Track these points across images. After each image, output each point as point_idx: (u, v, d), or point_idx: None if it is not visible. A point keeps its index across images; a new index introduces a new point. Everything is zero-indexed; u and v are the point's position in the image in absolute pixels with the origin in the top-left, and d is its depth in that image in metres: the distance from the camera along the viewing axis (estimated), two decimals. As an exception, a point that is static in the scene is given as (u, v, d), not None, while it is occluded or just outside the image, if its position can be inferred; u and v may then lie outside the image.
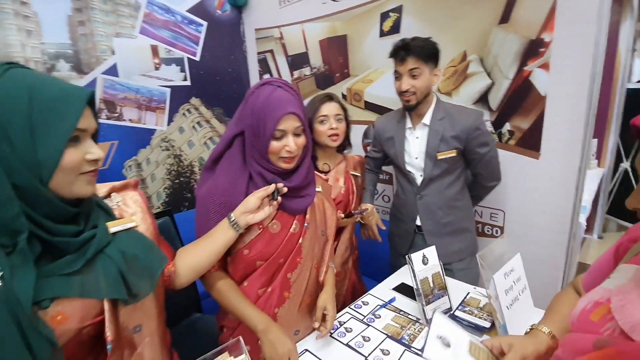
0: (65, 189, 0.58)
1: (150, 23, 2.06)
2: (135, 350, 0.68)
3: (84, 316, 0.60)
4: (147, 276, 0.68)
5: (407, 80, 1.24)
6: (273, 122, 0.83)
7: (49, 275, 0.56)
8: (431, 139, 1.30)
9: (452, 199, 1.36)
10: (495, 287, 0.90)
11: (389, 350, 0.92)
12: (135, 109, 2.06)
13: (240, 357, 0.64)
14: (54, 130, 0.54)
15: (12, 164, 0.52)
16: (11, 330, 0.49)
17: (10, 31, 1.62)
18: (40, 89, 0.54)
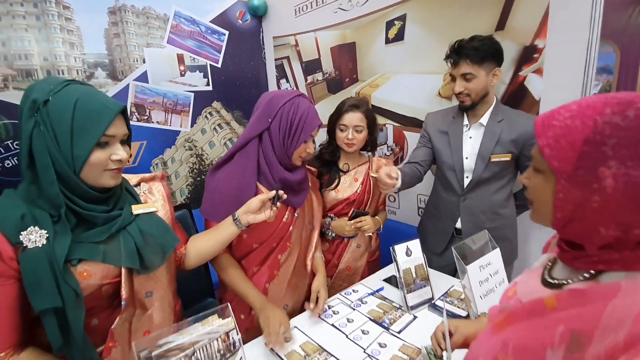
0: (92, 179, 0.73)
1: (177, 33, 2.26)
2: (147, 312, 0.83)
3: (104, 276, 0.75)
4: (160, 252, 0.83)
5: (461, 83, 1.23)
6: (311, 129, 1.07)
7: (81, 242, 0.72)
8: (486, 140, 1.27)
9: (498, 206, 1.32)
10: (468, 277, 0.97)
11: (368, 330, 1.01)
12: (162, 112, 2.27)
13: (227, 319, 0.76)
14: (87, 135, 0.70)
15: (57, 156, 0.68)
16: (48, 276, 0.66)
17: (57, 43, 1.86)
18: (84, 102, 0.70)
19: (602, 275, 0.44)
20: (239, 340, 0.75)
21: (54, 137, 0.68)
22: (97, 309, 0.78)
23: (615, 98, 0.42)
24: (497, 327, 0.52)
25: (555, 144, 0.44)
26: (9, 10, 1.72)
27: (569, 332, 0.41)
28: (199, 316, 0.74)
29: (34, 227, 0.68)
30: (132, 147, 2.15)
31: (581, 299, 0.42)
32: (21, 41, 1.76)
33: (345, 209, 1.37)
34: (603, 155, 0.40)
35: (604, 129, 0.40)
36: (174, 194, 2.38)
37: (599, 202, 0.41)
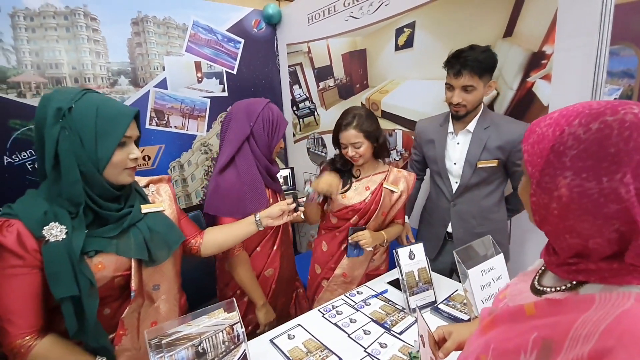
0: (113, 177, 0.82)
1: (195, 42, 2.36)
2: (154, 304, 0.91)
3: (117, 268, 0.83)
4: (166, 248, 0.91)
5: (459, 94, 1.23)
6: (284, 127, 1.27)
7: (96, 236, 0.80)
8: (473, 146, 1.30)
9: (488, 210, 1.35)
10: (469, 281, 0.98)
11: (370, 331, 1.04)
12: (180, 117, 2.36)
13: (232, 313, 0.81)
14: (109, 137, 0.79)
15: (82, 157, 0.77)
16: (67, 267, 0.74)
17: (84, 53, 1.98)
18: (103, 108, 0.79)
19: (582, 287, 0.45)
20: (243, 333, 0.80)
21: (79, 140, 0.76)
22: (110, 299, 0.85)
23: (591, 109, 0.42)
24: (484, 328, 0.54)
25: (531, 149, 0.46)
26: (42, 23, 1.85)
27: (541, 339, 0.42)
28: (206, 309, 0.80)
29: (55, 223, 0.76)
30: (151, 151, 2.26)
31: (557, 309, 0.43)
32: (52, 51, 1.89)
33: (349, 214, 1.36)
34: (562, 165, 0.41)
35: (567, 139, 0.41)
36: (190, 195, 2.47)
37: (558, 209, 0.42)
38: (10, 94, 1.80)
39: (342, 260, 1.38)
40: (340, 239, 1.39)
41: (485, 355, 0.50)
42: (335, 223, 1.40)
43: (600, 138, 0.39)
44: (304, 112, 2.66)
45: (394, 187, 1.35)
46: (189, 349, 0.74)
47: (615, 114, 0.39)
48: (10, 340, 0.75)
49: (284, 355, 0.95)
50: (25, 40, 1.82)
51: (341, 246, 1.38)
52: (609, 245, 0.40)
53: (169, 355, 0.72)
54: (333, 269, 1.40)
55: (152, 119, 2.25)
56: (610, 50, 1.25)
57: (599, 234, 0.40)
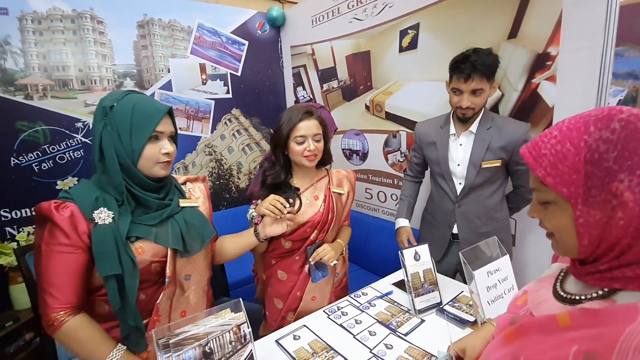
0: (147, 170, 0.88)
1: (200, 44, 2.38)
2: (184, 293, 0.97)
3: (154, 254, 0.89)
4: (199, 240, 0.97)
5: (469, 98, 1.23)
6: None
7: (138, 223, 0.88)
8: (476, 147, 1.30)
9: (492, 210, 1.36)
10: (476, 283, 0.98)
11: (375, 332, 1.04)
12: (185, 119, 2.38)
13: (239, 313, 0.81)
14: (142, 131, 0.85)
15: (120, 150, 0.84)
16: (112, 248, 0.82)
17: (91, 56, 2.00)
18: (140, 105, 0.85)
19: (617, 294, 0.43)
20: (250, 333, 0.80)
21: (117, 135, 0.84)
22: (146, 283, 0.91)
23: (590, 116, 0.43)
24: (508, 338, 0.52)
25: (554, 171, 0.44)
26: (49, 26, 1.87)
27: (583, 353, 0.40)
28: (213, 309, 0.80)
29: (104, 208, 0.84)
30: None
31: (596, 320, 0.41)
32: (59, 54, 1.91)
33: (307, 232, 1.20)
34: (609, 171, 0.40)
35: (598, 146, 0.40)
36: (194, 197, 2.49)
37: (624, 218, 0.40)
38: (18, 96, 1.83)
39: (308, 285, 1.23)
40: (300, 263, 1.23)
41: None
42: (290, 247, 1.22)
43: (630, 133, 0.39)
44: (308, 113, 2.67)
45: (340, 190, 1.28)
46: (196, 348, 0.74)
47: (621, 112, 0.40)
48: (47, 311, 0.80)
49: (290, 356, 0.95)
50: (33, 43, 1.84)
51: (302, 270, 1.23)
52: None
53: (177, 355, 0.73)
54: (300, 297, 1.24)
55: (157, 121, 2.26)
56: (615, 52, 1.24)
57: None
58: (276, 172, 1.20)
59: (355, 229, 2.12)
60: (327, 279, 1.27)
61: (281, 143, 1.17)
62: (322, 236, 1.23)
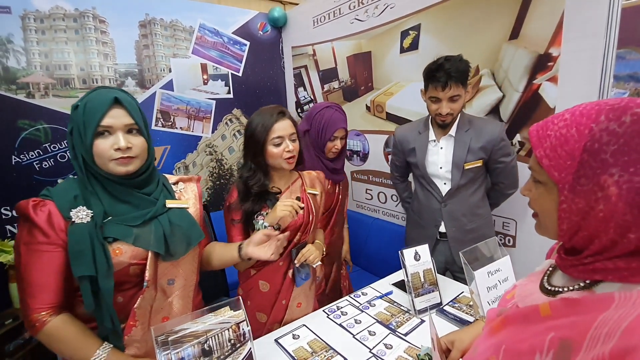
0: (104, 167, 0.83)
1: (202, 44, 2.38)
2: (167, 299, 0.92)
3: (133, 256, 0.85)
4: (185, 243, 0.92)
5: (448, 105, 1.27)
6: (332, 131, 1.45)
7: (118, 223, 0.84)
8: (457, 150, 1.35)
9: (475, 206, 1.41)
10: (476, 283, 0.98)
11: (375, 332, 1.04)
12: (186, 119, 2.38)
13: (239, 311, 0.81)
14: (88, 128, 0.80)
15: (80, 149, 0.82)
16: (88, 248, 0.79)
17: (93, 55, 2.01)
18: (90, 101, 0.81)
19: (598, 286, 0.44)
20: (249, 331, 0.80)
21: (78, 135, 0.81)
22: (125, 286, 0.86)
23: (607, 104, 0.42)
24: (493, 330, 0.53)
25: (552, 154, 0.44)
26: (52, 25, 1.88)
27: (559, 340, 0.41)
28: (213, 307, 0.80)
29: (83, 207, 0.81)
30: (157, 152, 2.27)
31: (574, 308, 0.42)
32: (61, 53, 1.92)
33: (290, 235, 1.15)
34: (603, 163, 0.40)
35: (601, 136, 0.40)
36: (195, 196, 2.48)
37: (604, 210, 0.40)
38: (20, 95, 1.83)
39: (292, 292, 1.19)
40: (283, 270, 1.18)
41: (495, 357, 0.49)
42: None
43: (638, 129, 0.38)
44: (309, 114, 2.68)
45: (314, 190, 1.26)
46: (195, 346, 0.74)
47: (638, 106, 0.39)
48: (28, 312, 0.79)
49: (289, 355, 0.95)
50: (35, 41, 1.85)
51: (286, 276, 1.18)
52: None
53: (175, 352, 0.73)
54: (285, 305, 1.18)
55: (158, 120, 2.26)
56: (617, 54, 1.25)
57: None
58: (259, 178, 1.14)
59: (356, 229, 2.13)
60: (310, 282, 1.24)
61: (259, 148, 1.11)
62: (305, 237, 1.20)
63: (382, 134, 2.10)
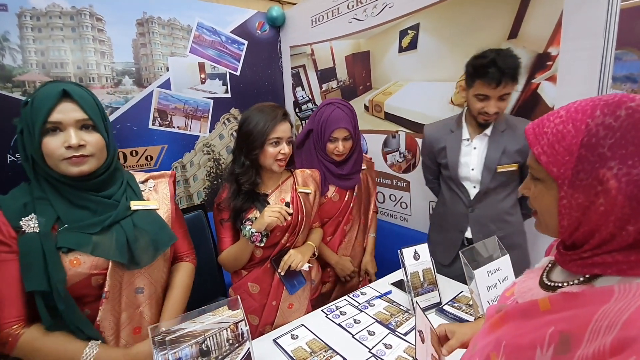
0: (55, 168, 0.76)
1: (199, 43, 2.37)
2: (138, 309, 0.86)
3: (94, 266, 0.79)
4: (152, 249, 0.85)
5: (496, 104, 1.18)
6: (329, 132, 1.32)
7: (74, 231, 0.77)
8: (491, 151, 1.26)
9: (505, 213, 1.31)
10: (476, 282, 0.97)
11: (374, 331, 1.03)
12: (183, 118, 2.37)
13: (237, 311, 0.80)
14: (35, 125, 0.74)
15: (29, 149, 0.76)
16: (38, 260, 0.72)
17: (89, 53, 1.99)
18: (36, 97, 0.75)
19: (597, 280, 0.44)
20: (247, 331, 0.79)
21: (28, 133, 0.75)
22: (88, 298, 0.80)
23: (601, 100, 0.43)
24: (493, 326, 0.53)
25: (550, 150, 0.45)
26: (48, 23, 1.86)
27: (559, 333, 0.41)
28: (210, 306, 0.79)
29: (34, 215, 0.75)
30: (154, 151, 2.26)
31: (574, 302, 0.43)
32: (58, 51, 1.90)
33: (277, 236, 1.16)
34: (601, 157, 0.40)
35: (597, 131, 0.41)
36: (192, 196, 2.47)
37: (605, 204, 0.41)
38: (15, 93, 1.81)
39: (282, 292, 1.19)
40: (272, 270, 1.19)
41: (496, 353, 0.49)
42: (260, 255, 1.18)
43: (633, 122, 0.39)
44: (307, 114, 2.67)
45: (307, 189, 1.25)
46: (192, 346, 0.73)
47: (632, 100, 0.40)
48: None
49: (288, 355, 0.94)
50: (32, 39, 1.83)
51: (274, 277, 1.18)
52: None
53: (173, 353, 0.72)
54: (276, 306, 1.18)
55: (155, 119, 2.25)
56: (615, 55, 1.25)
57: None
58: (250, 176, 1.12)
59: (354, 229, 2.12)
60: (303, 288, 1.22)
61: (257, 146, 1.09)
62: (292, 239, 1.18)
63: (380, 134, 2.09)
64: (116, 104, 2.10)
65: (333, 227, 1.44)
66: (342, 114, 1.33)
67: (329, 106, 1.36)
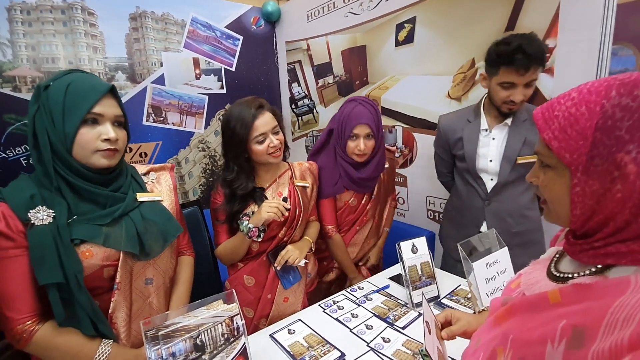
0: (83, 158, 0.77)
1: (194, 38, 2.34)
2: (147, 300, 0.87)
3: (106, 257, 0.79)
4: (161, 240, 0.86)
5: (523, 91, 1.14)
6: (350, 129, 1.23)
7: (84, 223, 0.76)
8: (512, 142, 1.21)
9: (525, 208, 1.26)
10: (474, 274, 0.97)
11: (372, 325, 1.02)
12: (178, 114, 2.34)
13: (232, 305, 0.78)
14: (75, 113, 0.74)
15: (52, 135, 0.74)
16: (52, 252, 0.71)
17: (82, 48, 1.96)
18: (75, 84, 0.75)
19: (610, 270, 0.42)
20: (243, 325, 0.77)
21: (50, 119, 0.73)
22: (100, 290, 0.80)
23: (616, 80, 0.40)
24: (498, 319, 0.51)
25: (562, 135, 0.42)
26: (39, 17, 1.82)
27: (571, 327, 0.39)
28: (205, 300, 0.77)
29: (42, 207, 0.73)
30: (148, 147, 2.23)
31: (587, 294, 0.40)
32: (49, 46, 1.87)
33: (275, 230, 1.15)
34: (618, 140, 0.38)
35: (614, 112, 0.38)
36: (187, 193, 2.45)
37: (622, 190, 0.38)
38: (5, 88, 1.77)
39: (278, 286, 1.17)
40: (268, 263, 1.17)
41: (502, 347, 0.46)
42: (257, 249, 1.16)
43: None
44: (303, 110, 2.65)
45: (304, 183, 1.23)
46: (186, 341, 0.71)
47: None
48: (11, 326, 0.72)
49: (285, 350, 0.93)
50: (22, 34, 1.79)
51: (270, 270, 1.17)
52: None
53: (166, 348, 0.70)
54: (271, 300, 1.17)
55: (150, 115, 2.22)
56: (611, 49, 1.24)
57: None
58: (242, 181, 1.10)
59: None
60: (298, 282, 1.20)
61: (241, 149, 1.06)
62: (290, 233, 1.17)
63: (377, 129, 2.08)
64: (109, 100, 2.07)
65: (347, 227, 1.40)
66: (364, 110, 1.24)
67: (351, 103, 1.29)
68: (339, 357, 0.89)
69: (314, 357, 0.89)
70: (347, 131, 1.24)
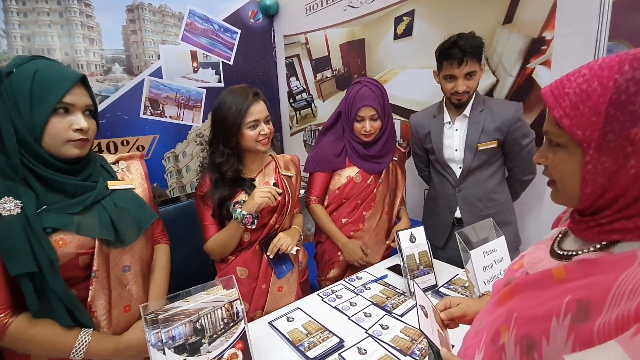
0: (54, 149, 0.75)
1: (191, 31, 2.33)
2: (126, 287, 0.86)
3: (80, 245, 0.77)
4: (136, 227, 0.86)
5: (464, 83, 1.25)
6: (355, 110, 1.28)
7: (56, 212, 0.75)
8: (471, 130, 1.32)
9: (492, 192, 1.36)
10: (472, 262, 0.97)
11: (370, 313, 1.02)
12: (175, 107, 2.33)
13: (232, 290, 0.79)
14: (44, 102, 0.72)
15: (18, 125, 0.71)
16: (23, 242, 0.70)
17: (78, 39, 1.94)
18: (43, 71, 0.72)
19: (615, 246, 0.42)
20: (242, 310, 0.78)
21: (15, 107, 0.70)
22: (75, 279, 0.79)
23: (628, 55, 0.40)
24: (501, 299, 0.51)
25: (573, 112, 0.41)
26: (34, 7, 1.81)
27: (576, 301, 0.39)
28: (205, 285, 0.77)
29: (9, 197, 0.71)
30: (145, 141, 2.21)
31: (592, 269, 0.40)
32: (44, 37, 1.85)
33: (265, 219, 1.16)
34: (633, 115, 0.37)
35: (628, 87, 0.38)
36: (184, 187, 2.44)
37: (636, 166, 0.38)
38: (0, 79, 1.76)
39: (271, 276, 1.18)
40: (260, 253, 1.17)
41: (506, 326, 0.46)
42: (249, 239, 1.16)
43: None
44: (301, 104, 2.65)
45: (289, 172, 1.26)
46: (186, 325, 0.72)
47: None
48: None
49: (284, 337, 0.93)
50: (17, 24, 1.77)
51: (262, 258, 1.17)
52: None
53: (166, 331, 0.70)
54: (266, 290, 1.16)
55: (147, 109, 2.21)
56: (606, 47, 1.25)
57: None
58: (232, 164, 1.11)
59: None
60: (292, 271, 1.22)
61: (233, 132, 1.07)
62: (280, 220, 1.18)
63: (375, 123, 2.08)
64: (106, 92, 2.05)
65: (350, 209, 1.38)
66: (369, 92, 1.28)
67: (356, 85, 1.33)
68: (337, 343, 0.90)
69: (313, 344, 0.90)
70: (352, 113, 1.30)
